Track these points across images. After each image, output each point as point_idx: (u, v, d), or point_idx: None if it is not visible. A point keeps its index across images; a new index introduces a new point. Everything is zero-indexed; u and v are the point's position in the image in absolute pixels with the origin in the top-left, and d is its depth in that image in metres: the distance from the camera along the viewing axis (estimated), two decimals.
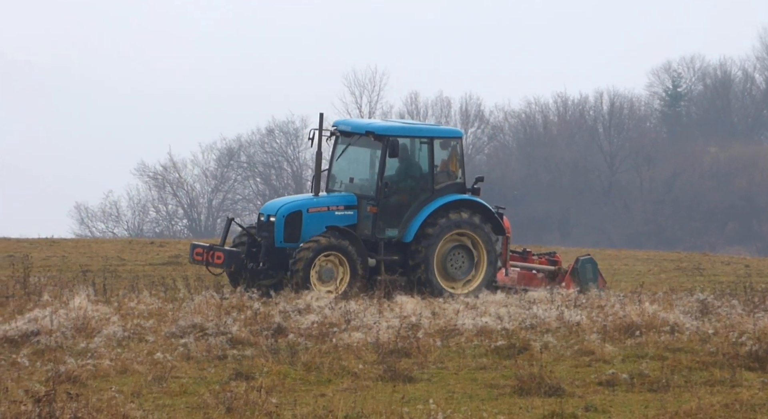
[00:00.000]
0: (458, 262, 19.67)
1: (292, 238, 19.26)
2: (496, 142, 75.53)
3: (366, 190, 19.69)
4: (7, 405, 11.24)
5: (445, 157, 19.90)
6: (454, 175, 19.94)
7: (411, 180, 19.74)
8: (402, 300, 18.17)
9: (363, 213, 19.50)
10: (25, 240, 31.51)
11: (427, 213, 19.50)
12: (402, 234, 19.52)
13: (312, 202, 19.63)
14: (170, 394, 12.53)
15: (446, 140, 19.96)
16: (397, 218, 19.55)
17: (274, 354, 14.26)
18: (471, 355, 14.76)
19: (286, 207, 19.50)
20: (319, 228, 19.29)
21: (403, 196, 19.63)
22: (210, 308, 16.79)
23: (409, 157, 19.84)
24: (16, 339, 14.66)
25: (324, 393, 12.68)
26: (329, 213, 19.44)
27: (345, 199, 19.66)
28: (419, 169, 19.80)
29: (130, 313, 16.53)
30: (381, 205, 19.45)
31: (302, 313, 16.79)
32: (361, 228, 19.51)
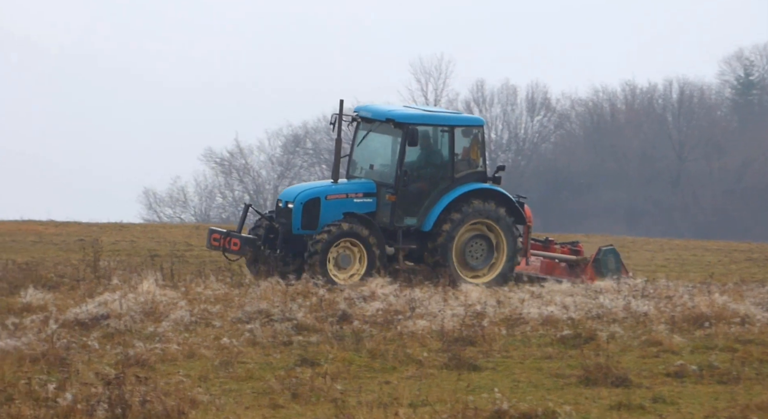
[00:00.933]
0: (477, 252, 19.45)
1: (310, 225, 19.08)
2: (562, 130, 74.93)
3: (386, 178, 19.50)
4: (78, 387, 11.41)
5: (467, 146, 19.66)
6: (475, 164, 19.69)
7: (431, 168, 19.52)
8: (467, 289, 18.13)
9: (382, 200, 19.31)
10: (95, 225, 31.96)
11: (446, 202, 19.29)
12: (421, 222, 19.32)
13: (330, 189, 19.40)
14: (236, 379, 12.63)
15: (468, 128, 19.68)
16: (417, 206, 19.35)
17: (339, 340, 14.31)
18: (536, 344, 14.69)
19: (304, 194, 19.30)
20: (338, 215, 19.12)
21: (422, 184, 19.42)
22: (276, 294, 16.89)
23: (430, 145, 19.60)
24: (87, 322, 14.88)
25: (389, 381, 12.70)
26: (348, 201, 19.27)
27: (364, 186, 19.48)
28: (440, 157, 19.57)
29: (197, 298, 16.69)
30: (400, 193, 19.23)
31: (367, 300, 16.83)
32: (380, 216, 19.33)
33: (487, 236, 19.50)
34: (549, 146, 73.88)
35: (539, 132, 73.45)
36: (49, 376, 12.14)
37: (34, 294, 16.31)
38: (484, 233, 19.50)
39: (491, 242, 19.50)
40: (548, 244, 20.88)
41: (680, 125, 73.77)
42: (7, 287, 17.22)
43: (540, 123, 73.51)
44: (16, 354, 13.03)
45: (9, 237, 25.64)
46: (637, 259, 27.59)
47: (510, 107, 72.78)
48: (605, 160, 71.25)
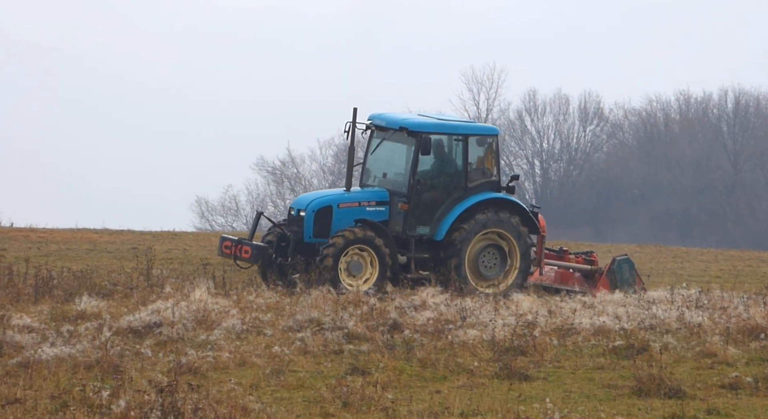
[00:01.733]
0: (491, 261, 19.27)
1: (321, 234, 18.92)
2: (615, 139, 74.43)
3: (399, 186, 19.30)
4: (131, 394, 11.51)
5: (481, 155, 19.50)
6: (489, 173, 19.51)
7: (444, 177, 19.37)
8: (518, 298, 18.04)
9: (395, 209, 19.17)
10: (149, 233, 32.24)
11: (459, 211, 19.13)
12: (434, 231, 19.16)
13: (343, 197, 19.24)
14: (287, 387, 12.67)
15: (482, 137, 19.51)
16: (429, 215, 19.21)
17: (389, 349, 14.31)
18: (588, 355, 14.58)
19: (316, 202, 19.14)
20: (350, 223, 18.94)
21: (435, 193, 19.27)
22: (327, 303, 16.93)
23: (443, 154, 19.47)
24: (140, 329, 15.00)
25: (439, 390, 12.67)
26: (360, 209, 19.12)
27: (377, 195, 19.30)
28: (453, 166, 19.41)
29: (249, 307, 16.77)
30: (413, 201, 19.09)
31: (418, 309, 16.81)
32: (392, 225, 19.18)
33: (500, 246, 19.34)
34: (601, 156, 73.39)
35: (591, 142, 73.00)
36: (103, 383, 12.25)
37: (88, 302, 16.48)
38: (498, 243, 19.34)
39: (504, 252, 19.34)
40: (563, 254, 20.66)
41: (735, 135, 72.95)
42: (63, 294, 17.42)
43: (592, 133, 73.08)
44: (71, 361, 13.17)
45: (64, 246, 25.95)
46: (691, 270, 27.29)
47: (562, 117, 72.46)
48: (658, 169, 70.65)
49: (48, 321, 15.41)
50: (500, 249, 19.33)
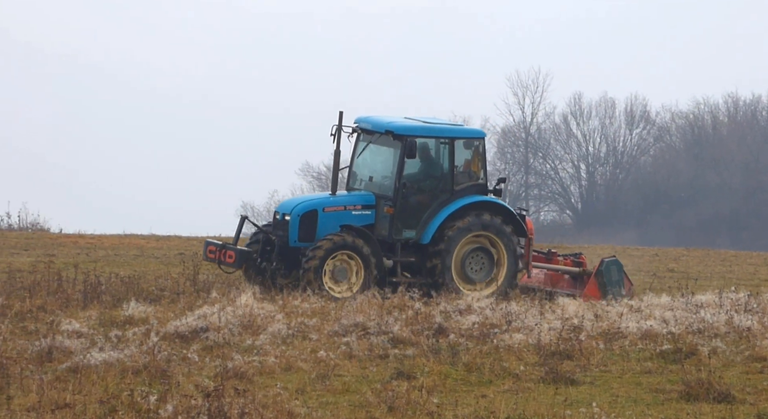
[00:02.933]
0: (477, 265, 19.07)
1: (306, 238, 18.72)
2: (662, 143, 73.86)
3: (385, 190, 19.08)
4: (178, 398, 11.58)
5: (468, 158, 19.33)
6: (475, 176, 19.35)
7: (430, 180, 19.19)
8: (564, 302, 17.95)
9: (381, 213, 18.98)
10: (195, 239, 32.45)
11: (445, 214, 18.96)
12: (420, 235, 18.98)
13: (328, 201, 19.04)
14: (333, 392, 12.70)
15: (468, 140, 19.33)
16: (416, 219, 19.03)
17: (435, 354, 14.29)
18: (635, 359, 14.47)
19: (301, 206, 18.94)
20: (335, 227, 18.72)
21: (421, 197, 19.09)
22: (372, 307, 16.95)
23: (429, 157, 19.30)
24: (187, 334, 15.10)
25: (485, 394, 12.64)
26: (346, 213, 18.93)
27: (363, 198, 19.09)
28: (439, 169, 19.23)
29: (294, 311, 16.83)
30: (399, 205, 18.91)
31: (463, 314, 16.78)
32: (378, 229, 18.99)
33: (487, 249, 19.16)
34: (648, 159, 72.84)
35: (638, 145, 72.48)
36: (151, 388, 12.34)
37: (135, 307, 16.62)
38: (485, 246, 19.16)
39: (492, 255, 19.18)
40: (551, 256, 20.48)
41: None
42: (111, 300, 17.58)
43: (639, 136, 72.57)
44: (119, 366, 13.28)
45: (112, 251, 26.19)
46: (740, 273, 27.01)
47: (608, 120, 72.00)
48: (706, 172, 70.00)
49: (96, 327, 15.55)
50: (487, 253, 19.16)
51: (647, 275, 24.55)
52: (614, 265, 19.69)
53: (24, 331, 15.26)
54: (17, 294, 17.43)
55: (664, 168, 70.94)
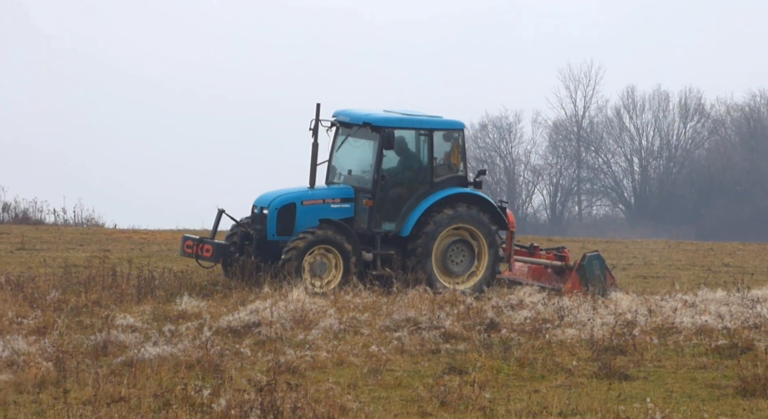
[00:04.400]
0: (458, 257, 18.82)
1: (285, 232, 18.50)
2: (716, 136, 73.02)
3: (364, 183, 18.84)
4: (231, 393, 11.66)
5: (447, 150, 19.09)
6: (455, 168, 19.10)
7: (409, 172, 18.96)
8: (617, 297, 17.82)
9: (360, 206, 18.76)
10: None
11: (425, 207, 18.73)
12: (399, 228, 18.74)
13: (307, 195, 18.80)
14: (385, 387, 12.70)
15: (448, 132, 19.09)
16: (395, 212, 18.83)
17: (487, 349, 14.26)
18: (690, 354, 14.33)
19: (279, 199, 18.67)
20: (314, 221, 18.51)
21: (401, 189, 18.87)
22: (423, 302, 16.93)
23: (408, 150, 19.08)
24: (239, 329, 15.19)
25: (538, 389, 12.58)
26: (325, 206, 18.70)
27: (342, 192, 18.85)
28: (418, 161, 18.99)
29: (346, 306, 16.86)
30: (378, 198, 18.70)
31: (515, 309, 16.72)
32: (358, 222, 18.71)
33: (468, 241, 18.93)
34: (702, 152, 72.04)
35: (692, 138, 71.71)
36: (204, 382, 12.43)
37: (188, 302, 16.74)
38: (465, 238, 18.94)
39: (472, 247, 18.95)
40: (533, 250, 20.26)
41: None
42: (164, 295, 17.73)
43: (693, 129, 71.79)
44: (172, 361, 13.39)
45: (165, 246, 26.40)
46: None
47: (662, 113, 71.31)
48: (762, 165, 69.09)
49: (150, 321, 15.69)
50: (468, 245, 18.95)
51: (702, 270, 24.30)
52: (596, 260, 19.49)
53: (80, 326, 15.44)
54: (73, 289, 17.64)
55: (718, 161, 70.12)
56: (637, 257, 26.77)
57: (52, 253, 23.16)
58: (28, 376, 12.55)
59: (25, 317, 15.50)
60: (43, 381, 12.44)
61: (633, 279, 22.26)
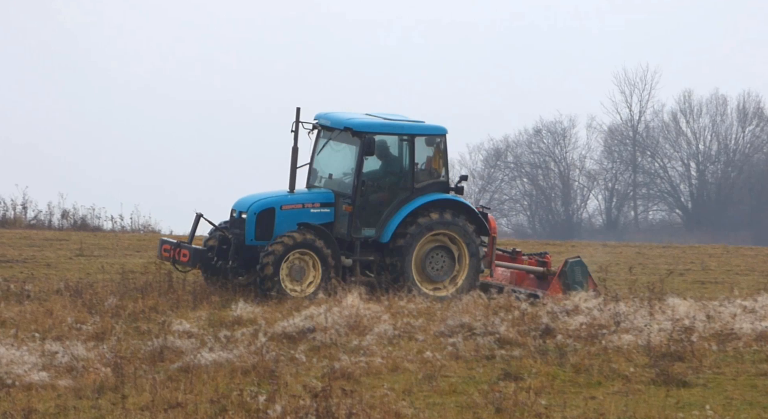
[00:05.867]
0: (438, 264, 18.61)
1: (264, 236, 18.29)
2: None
3: (344, 187, 18.66)
4: (287, 399, 11.70)
5: (429, 155, 18.87)
6: (436, 174, 18.88)
7: (390, 178, 18.75)
8: (674, 303, 17.63)
9: (340, 211, 18.56)
10: None
11: (405, 212, 18.52)
12: (379, 233, 18.51)
13: (286, 199, 18.59)
14: (440, 393, 12.68)
15: (430, 137, 18.88)
16: (375, 217, 18.62)
17: (542, 355, 14.17)
18: (750, 361, 14.13)
19: (258, 203, 18.47)
20: (293, 226, 18.30)
21: (381, 195, 18.66)
22: (477, 308, 16.88)
23: (389, 155, 18.87)
24: (294, 335, 15.24)
25: (594, 396, 12.48)
26: (304, 211, 18.48)
27: (322, 196, 18.68)
28: (399, 166, 18.75)
29: (400, 312, 16.86)
30: (358, 203, 18.49)
31: (570, 314, 16.60)
32: (337, 227, 18.52)
33: (448, 247, 18.73)
34: (762, 157, 71.09)
35: (751, 142, 70.83)
36: (260, 388, 12.49)
37: (244, 308, 16.84)
38: (446, 244, 18.73)
39: (453, 254, 18.75)
40: (515, 255, 20.02)
41: None
42: (219, 301, 17.85)
43: (752, 133, 70.91)
44: (228, 366, 13.47)
45: None
46: None
47: (720, 117, 70.52)
48: None
49: (206, 327, 15.80)
50: (449, 251, 18.76)
51: (761, 275, 23.97)
52: (578, 266, 19.31)
53: (137, 331, 15.59)
54: (130, 295, 17.81)
55: None
56: (694, 262, 26.48)
57: (109, 259, 23.41)
58: (87, 382, 12.69)
59: (83, 323, 15.68)
60: (101, 386, 12.57)
61: (690, 285, 22.02)
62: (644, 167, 70.95)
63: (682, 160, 70.72)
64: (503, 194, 72.14)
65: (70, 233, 29.06)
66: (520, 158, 72.07)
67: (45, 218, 31.74)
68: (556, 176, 71.00)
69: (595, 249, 29.61)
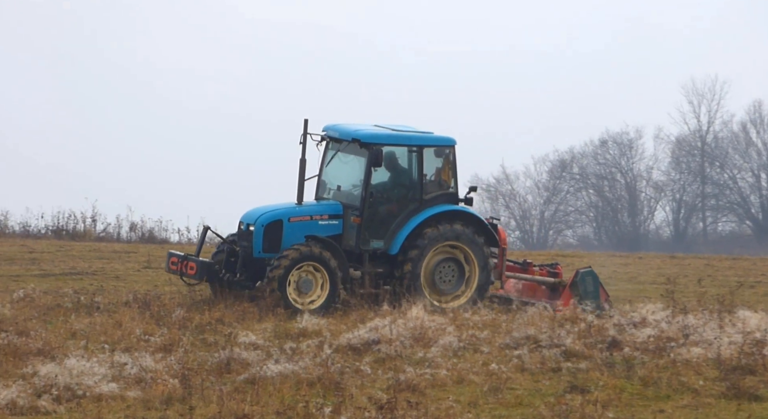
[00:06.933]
0: (448, 276, 18.42)
1: (271, 249, 18.18)
2: None
3: (353, 199, 18.51)
4: (352, 411, 11.71)
5: (438, 166, 18.67)
6: (446, 185, 18.68)
7: (399, 189, 18.57)
8: (744, 315, 17.35)
9: (348, 223, 18.39)
10: None
11: (414, 224, 18.35)
12: (388, 245, 18.39)
13: (294, 211, 18.47)
14: (505, 405, 12.60)
15: (439, 148, 18.67)
16: (384, 229, 18.45)
17: (609, 367, 14.03)
18: None
19: (266, 216, 18.35)
20: (301, 238, 18.18)
21: (390, 206, 18.48)
22: (543, 320, 16.77)
23: (397, 166, 18.67)
24: (359, 347, 15.26)
25: (663, 409, 12.32)
26: (312, 223, 18.36)
27: (330, 208, 18.54)
28: (408, 178, 18.59)
29: (465, 324, 16.81)
30: (366, 215, 18.34)
31: (637, 327, 16.42)
32: (346, 239, 18.38)
33: (457, 259, 18.55)
34: None
35: None
36: (325, 400, 12.51)
37: (309, 320, 16.90)
38: (455, 256, 18.55)
39: (462, 265, 18.55)
40: (526, 266, 19.71)
41: None
42: (285, 313, 17.94)
43: None
44: (294, 378, 13.52)
45: None
46: None
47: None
48: None
49: (272, 339, 15.88)
50: (458, 263, 18.59)
51: None
52: (590, 276, 19.04)
53: (204, 343, 15.71)
54: (197, 307, 17.97)
55: None
56: (765, 274, 26.04)
57: None
58: (156, 393, 12.82)
59: (151, 334, 15.85)
60: (169, 397, 12.68)
61: (762, 298, 21.65)
62: (713, 178, 70.01)
63: (753, 170, 69.67)
64: (568, 205, 71.65)
65: (138, 246, 29.43)
66: (586, 169, 71.54)
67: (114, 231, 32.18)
68: (623, 187, 70.33)
69: (607, 259, 29.35)
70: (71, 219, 31.89)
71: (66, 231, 31.74)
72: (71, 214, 31.89)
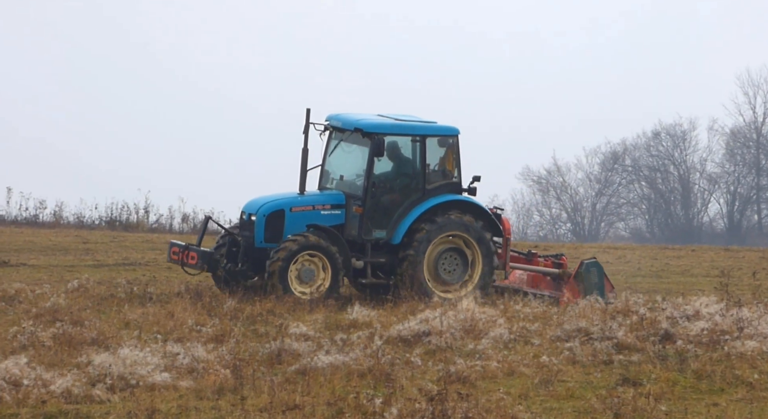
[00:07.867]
0: (451, 266, 18.20)
1: (273, 238, 18.06)
2: None
3: (355, 189, 18.37)
4: (403, 402, 11.72)
5: (441, 156, 18.41)
6: (449, 175, 18.45)
7: (401, 179, 18.37)
8: None
9: (351, 212, 18.22)
10: None
11: (417, 214, 18.15)
12: (390, 235, 18.22)
13: (296, 201, 18.37)
14: (557, 398, 12.55)
15: (442, 138, 18.46)
16: (386, 219, 18.26)
17: (661, 360, 13.92)
18: None
19: (268, 205, 18.27)
20: (303, 228, 18.07)
21: (392, 196, 18.29)
22: (594, 312, 16.67)
23: (400, 156, 18.46)
24: (409, 338, 15.27)
25: (717, 403, 12.21)
26: (314, 213, 18.22)
27: (332, 198, 18.41)
28: (411, 167, 18.41)
29: (516, 316, 16.76)
30: (369, 204, 18.15)
31: (690, 319, 16.27)
32: (348, 229, 18.23)
33: (461, 249, 18.33)
34: None
35: None
36: (376, 391, 12.54)
37: (360, 311, 16.94)
38: (459, 246, 18.34)
39: (466, 256, 18.33)
40: (531, 257, 19.43)
41: None
42: (336, 304, 18.00)
43: None
44: (344, 369, 13.56)
45: None
46: None
47: None
48: None
49: (323, 330, 15.94)
50: (461, 253, 18.39)
51: None
52: (594, 267, 18.79)
53: (255, 334, 15.81)
54: (248, 298, 18.08)
55: None
56: None
57: None
58: (208, 383, 12.92)
59: (203, 325, 15.97)
60: (221, 387, 12.78)
61: None
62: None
63: None
64: (620, 197, 71.10)
65: (190, 236, 29.65)
66: (638, 161, 70.95)
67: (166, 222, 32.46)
68: (676, 179, 69.64)
69: (659, 252, 29.07)
70: (124, 210, 32.24)
71: (119, 222, 32.08)
72: (124, 205, 32.25)
